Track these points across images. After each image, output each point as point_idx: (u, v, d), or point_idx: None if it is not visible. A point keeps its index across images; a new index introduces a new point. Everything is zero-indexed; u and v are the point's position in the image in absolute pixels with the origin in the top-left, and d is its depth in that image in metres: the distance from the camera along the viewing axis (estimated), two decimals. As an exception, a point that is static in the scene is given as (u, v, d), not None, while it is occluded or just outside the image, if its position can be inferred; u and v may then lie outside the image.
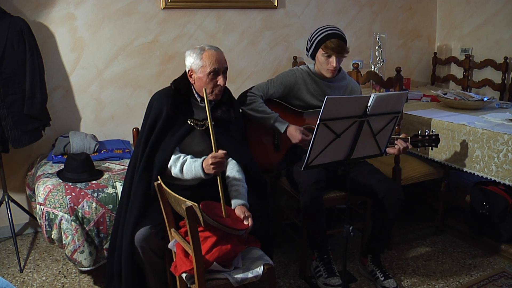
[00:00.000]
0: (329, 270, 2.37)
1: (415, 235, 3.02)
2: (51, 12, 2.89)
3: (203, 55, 2.02)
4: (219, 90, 2.07)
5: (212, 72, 2.01)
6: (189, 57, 2.06)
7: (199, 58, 2.02)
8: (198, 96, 2.12)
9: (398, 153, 2.27)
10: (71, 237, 2.26)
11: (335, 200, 2.47)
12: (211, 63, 2.01)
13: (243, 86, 3.28)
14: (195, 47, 2.07)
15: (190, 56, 2.06)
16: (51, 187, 2.36)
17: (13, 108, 2.57)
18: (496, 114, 2.72)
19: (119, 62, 3.12)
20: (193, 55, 2.04)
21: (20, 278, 2.57)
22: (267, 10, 3.46)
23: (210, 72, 2.01)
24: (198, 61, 2.02)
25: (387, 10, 3.89)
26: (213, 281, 1.76)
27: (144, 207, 2.02)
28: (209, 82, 2.02)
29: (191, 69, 2.06)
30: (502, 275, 2.52)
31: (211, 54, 2.02)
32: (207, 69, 2.01)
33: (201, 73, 2.03)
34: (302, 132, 2.36)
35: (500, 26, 3.58)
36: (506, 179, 2.32)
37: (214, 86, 2.04)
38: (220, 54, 2.05)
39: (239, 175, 2.08)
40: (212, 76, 2.02)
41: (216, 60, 2.02)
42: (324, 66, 2.40)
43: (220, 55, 2.06)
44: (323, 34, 2.35)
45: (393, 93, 2.10)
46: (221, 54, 2.07)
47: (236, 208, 1.94)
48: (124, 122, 3.19)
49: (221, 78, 2.04)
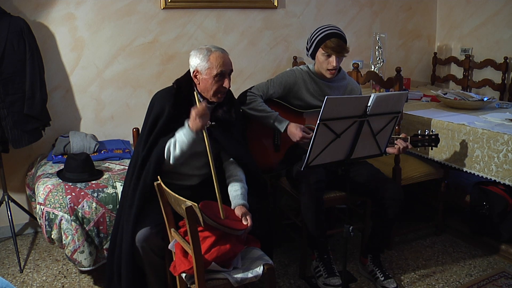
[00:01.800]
0: (329, 270, 2.37)
1: (415, 235, 3.02)
2: (51, 12, 2.89)
3: (210, 57, 2.00)
4: (224, 93, 2.06)
5: (219, 75, 2.00)
6: (195, 57, 2.03)
7: (205, 59, 2.00)
8: (200, 96, 2.10)
9: (398, 152, 2.27)
10: (71, 237, 2.26)
11: (335, 200, 2.47)
12: (218, 65, 1.99)
13: (243, 86, 3.28)
14: (201, 48, 2.04)
15: (196, 57, 2.03)
16: (51, 187, 2.36)
17: (13, 108, 2.58)
18: (496, 114, 2.72)
19: (119, 62, 3.12)
20: (199, 56, 2.02)
21: (20, 278, 2.57)
22: (267, 10, 3.46)
23: (217, 74, 1.99)
24: (204, 63, 2.00)
25: (387, 10, 3.89)
26: (213, 281, 1.76)
27: (144, 206, 2.02)
28: (214, 84, 2.01)
29: (196, 69, 2.04)
30: (502, 275, 2.52)
31: (218, 56, 2.00)
32: (214, 72, 1.99)
33: (207, 75, 2.01)
34: (302, 130, 2.36)
35: (500, 26, 3.58)
36: (506, 179, 2.32)
37: (219, 89, 2.03)
38: (226, 57, 2.04)
39: (239, 175, 2.08)
40: (218, 78, 2.00)
41: (223, 63, 2.00)
42: (324, 65, 2.40)
43: (227, 57, 2.04)
44: (323, 34, 2.35)
45: (393, 93, 2.10)
46: (228, 57, 2.05)
47: (236, 208, 1.94)
48: (124, 122, 3.19)
49: (226, 81, 2.03)
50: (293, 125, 2.37)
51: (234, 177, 2.07)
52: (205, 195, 1.94)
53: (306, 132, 2.35)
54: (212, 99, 2.06)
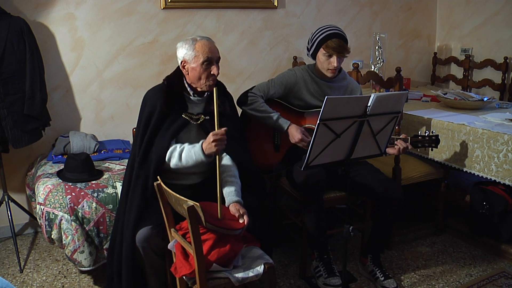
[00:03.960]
0: (329, 270, 2.37)
1: (415, 235, 3.02)
2: (51, 12, 2.89)
3: (196, 45, 2.02)
4: (213, 79, 2.07)
5: (206, 62, 2.01)
6: (181, 48, 2.06)
7: (192, 48, 2.02)
8: (190, 89, 2.11)
9: (398, 153, 2.28)
10: (71, 237, 2.26)
11: (335, 200, 2.48)
12: (204, 52, 2.01)
13: (243, 86, 3.28)
14: (186, 39, 2.07)
15: (182, 48, 2.05)
16: (51, 187, 2.36)
17: (13, 108, 2.57)
18: (496, 114, 2.72)
19: (119, 62, 3.12)
20: (185, 46, 2.04)
21: (20, 278, 2.57)
22: (267, 10, 3.46)
23: (204, 61, 2.01)
24: (191, 52, 2.02)
25: (387, 10, 3.89)
26: (214, 280, 1.76)
27: (143, 204, 2.02)
28: (203, 72, 2.02)
29: (184, 60, 2.06)
30: (502, 275, 2.52)
31: (204, 44, 2.03)
32: (201, 59, 2.01)
33: (194, 63, 2.02)
34: (302, 133, 2.36)
35: (500, 26, 3.58)
36: (506, 179, 2.32)
37: (208, 76, 2.04)
38: (212, 44, 2.06)
39: (233, 171, 2.07)
40: (205, 65, 2.02)
41: (209, 50, 2.02)
42: (324, 65, 2.40)
43: (212, 45, 2.06)
44: (324, 34, 2.35)
45: (393, 93, 2.10)
46: (213, 44, 2.07)
47: (230, 205, 1.92)
48: (124, 122, 3.19)
49: (214, 68, 2.04)
50: (294, 126, 2.38)
51: (228, 173, 2.05)
52: (205, 195, 1.93)
53: (306, 136, 2.36)
54: (203, 88, 2.06)
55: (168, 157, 2.01)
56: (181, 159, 1.99)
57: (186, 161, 1.98)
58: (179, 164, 1.99)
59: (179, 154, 1.99)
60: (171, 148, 2.02)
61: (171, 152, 2.01)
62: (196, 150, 1.95)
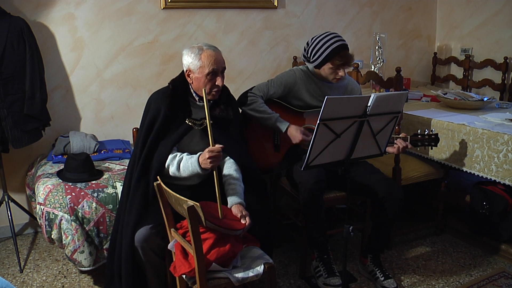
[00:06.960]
0: (329, 270, 2.37)
1: (415, 235, 3.02)
2: (51, 12, 2.89)
3: (202, 56, 2.00)
4: (217, 90, 2.07)
5: (211, 73, 2.00)
6: (187, 56, 2.04)
7: (197, 58, 2.00)
8: (196, 95, 2.11)
9: (397, 152, 2.27)
10: (71, 237, 2.26)
11: (335, 200, 2.48)
12: (210, 63, 1.99)
13: (243, 86, 3.28)
14: (192, 46, 2.05)
15: (188, 56, 2.03)
16: (51, 187, 2.36)
17: (13, 108, 2.57)
18: (496, 114, 2.72)
19: (119, 62, 3.12)
20: (191, 55, 2.02)
21: (20, 278, 2.57)
22: (267, 10, 3.46)
23: (209, 73, 2.00)
24: (196, 62, 2.00)
25: (387, 10, 3.89)
26: (214, 280, 1.76)
27: (144, 206, 2.02)
28: (207, 82, 2.01)
29: (189, 69, 2.04)
30: (502, 275, 2.52)
31: (210, 55, 2.00)
32: (206, 70, 1.99)
33: (199, 73, 2.01)
34: (302, 133, 2.36)
35: (500, 26, 3.58)
36: (506, 179, 2.32)
37: (212, 87, 2.03)
38: (218, 54, 2.04)
39: (236, 174, 2.07)
40: (210, 77, 2.01)
41: (215, 61, 2.00)
42: (330, 76, 2.41)
43: (219, 55, 2.04)
44: (331, 49, 2.32)
45: (393, 93, 2.10)
46: (220, 54, 2.05)
47: (233, 207, 1.93)
48: (124, 122, 3.19)
49: (219, 79, 2.03)
50: (294, 127, 2.38)
51: (231, 176, 2.06)
52: (205, 195, 1.94)
53: (306, 135, 2.36)
54: (208, 96, 2.06)
55: (168, 164, 2.02)
56: (179, 168, 2.00)
57: (183, 171, 1.99)
58: (177, 173, 2.01)
59: (177, 163, 2.00)
60: (171, 155, 2.03)
61: (171, 160, 2.02)
62: (192, 162, 1.96)
